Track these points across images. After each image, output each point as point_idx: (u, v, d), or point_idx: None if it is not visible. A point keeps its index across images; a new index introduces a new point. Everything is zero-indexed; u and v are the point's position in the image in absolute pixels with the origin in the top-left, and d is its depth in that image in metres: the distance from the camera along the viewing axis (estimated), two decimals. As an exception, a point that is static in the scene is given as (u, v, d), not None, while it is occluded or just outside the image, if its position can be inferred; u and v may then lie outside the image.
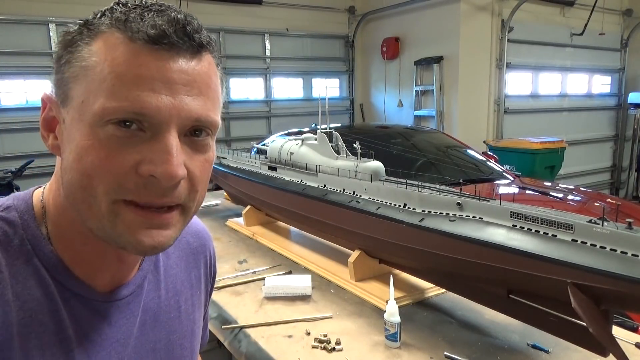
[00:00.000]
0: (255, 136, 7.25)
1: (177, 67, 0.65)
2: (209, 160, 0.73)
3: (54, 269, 0.71)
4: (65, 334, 0.71)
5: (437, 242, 1.56)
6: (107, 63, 0.63)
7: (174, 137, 0.65)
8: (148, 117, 0.64)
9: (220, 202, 3.95)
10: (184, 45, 0.66)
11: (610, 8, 8.69)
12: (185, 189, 0.69)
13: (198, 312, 0.99)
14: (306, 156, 2.44)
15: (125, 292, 0.81)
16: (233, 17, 7.70)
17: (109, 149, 0.63)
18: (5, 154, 6.27)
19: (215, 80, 0.72)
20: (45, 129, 0.72)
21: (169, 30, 0.64)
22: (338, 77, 9.23)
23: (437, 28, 7.35)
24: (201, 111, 0.68)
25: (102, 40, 0.65)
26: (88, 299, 0.74)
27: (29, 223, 0.72)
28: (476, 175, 4.08)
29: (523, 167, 5.92)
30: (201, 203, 0.76)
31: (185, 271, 0.96)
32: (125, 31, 0.64)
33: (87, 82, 0.65)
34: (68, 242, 0.74)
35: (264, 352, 1.61)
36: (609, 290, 1.14)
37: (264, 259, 2.53)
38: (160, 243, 0.69)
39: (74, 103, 0.66)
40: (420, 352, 1.57)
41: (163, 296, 0.89)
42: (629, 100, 9.05)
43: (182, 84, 0.65)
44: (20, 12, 6.15)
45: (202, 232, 1.05)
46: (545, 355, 1.53)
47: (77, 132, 0.65)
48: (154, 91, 0.63)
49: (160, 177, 0.64)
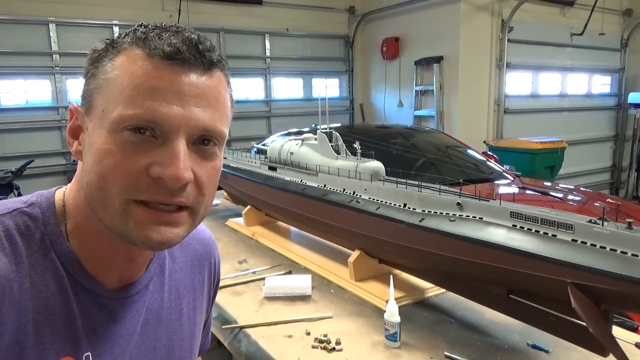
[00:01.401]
0: (255, 136, 7.25)
1: (188, 80, 0.72)
2: (216, 169, 0.80)
3: (69, 264, 0.78)
4: (74, 324, 0.76)
5: (437, 242, 1.56)
6: (126, 76, 0.71)
7: (182, 144, 0.72)
8: (159, 125, 0.70)
9: (220, 202, 3.95)
10: (196, 62, 0.73)
11: (610, 8, 8.69)
12: (193, 192, 0.75)
13: (199, 316, 1.03)
14: (306, 156, 2.44)
15: (132, 291, 0.86)
16: (233, 17, 7.70)
17: (124, 152, 0.70)
18: (5, 154, 6.26)
19: (224, 95, 0.79)
20: (71, 136, 0.80)
21: (182, 48, 0.72)
22: (338, 77, 9.24)
23: (437, 28, 7.35)
24: (209, 122, 0.74)
25: (124, 56, 0.73)
26: (96, 294, 0.80)
27: (50, 220, 0.79)
28: (476, 175, 4.08)
29: (523, 167, 5.92)
30: (209, 208, 0.82)
31: (190, 276, 1.01)
32: (145, 48, 0.72)
33: (108, 93, 0.72)
34: (84, 239, 0.80)
35: (264, 352, 1.61)
36: (609, 290, 1.14)
37: (264, 259, 2.53)
38: (167, 239, 0.75)
39: (96, 112, 0.74)
40: (420, 352, 1.57)
41: (166, 298, 0.93)
42: (629, 100, 9.04)
43: (192, 96, 0.72)
44: (20, 12, 6.15)
45: (209, 240, 1.11)
46: (545, 355, 1.53)
47: (97, 138, 0.72)
48: (166, 101, 0.70)
49: (167, 178, 0.70)
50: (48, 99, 6.55)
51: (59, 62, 6.47)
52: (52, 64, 6.45)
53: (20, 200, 0.81)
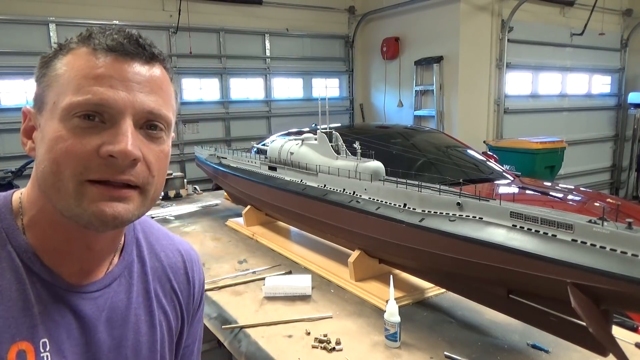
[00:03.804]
0: (255, 136, 7.26)
1: (131, 69, 0.79)
2: (164, 152, 0.85)
3: (25, 255, 0.82)
4: (30, 311, 0.79)
5: (437, 242, 1.56)
6: (74, 69, 0.78)
7: (129, 124, 0.77)
8: (107, 108, 0.76)
9: (220, 202, 3.95)
10: (138, 54, 0.80)
11: (610, 8, 8.69)
12: (143, 172, 0.80)
13: (175, 322, 1.03)
14: (306, 156, 2.44)
15: (91, 288, 0.88)
16: (233, 17, 7.70)
17: (74, 137, 0.75)
18: (5, 154, 6.27)
19: (167, 85, 0.85)
20: (25, 136, 0.85)
21: (124, 42, 0.79)
22: (338, 77, 9.23)
23: (437, 28, 7.35)
24: (153, 105, 0.80)
25: (71, 54, 0.80)
26: (52, 284, 0.83)
27: (6, 215, 0.84)
28: (476, 175, 4.08)
29: (523, 167, 5.92)
30: (160, 191, 0.87)
31: (160, 282, 1.02)
32: (90, 44, 0.79)
33: (57, 86, 0.78)
34: (39, 231, 0.84)
35: (263, 352, 1.61)
36: (609, 290, 1.14)
37: (264, 259, 2.53)
38: (119, 213, 0.78)
39: (47, 107, 0.79)
40: (420, 352, 1.57)
41: (134, 299, 0.95)
42: (629, 100, 9.05)
43: (136, 82, 0.79)
44: (20, 12, 6.15)
45: (187, 252, 1.10)
46: (545, 355, 1.53)
47: (49, 128, 0.78)
48: (112, 87, 0.76)
49: (117, 155, 0.75)
50: (48, 99, 6.55)
51: (59, 62, 6.47)
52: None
53: None
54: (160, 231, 1.09)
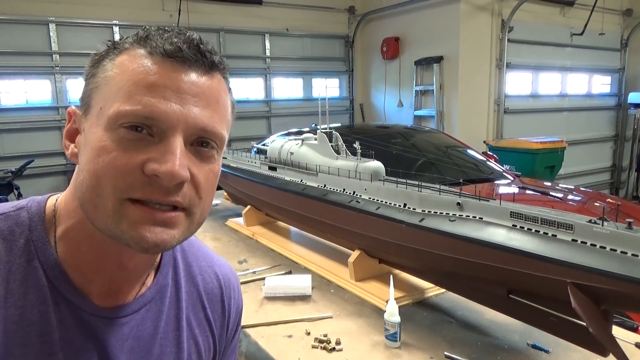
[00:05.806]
0: (255, 136, 7.25)
1: (188, 79, 0.71)
2: (213, 172, 0.77)
3: (52, 273, 0.74)
4: (50, 337, 0.72)
5: (437, 242, 1.56)
6: (126, 73, 0.70)
7: (179, 141, 0.70)
8: (157, 122, 0.68)
9: (220, 202, 3.95)
10: (197, 62, 0.72)
11: (610, 8, 8.69)
12: (190, 193, 0.72)
13: (206, 354, 0.95)
14: (306, 156, 2.44)
15: (119, 313, 0.80)
16: (233, 17, 7.70)
17: (119, 149, 0.68)
18: (5, 154, 6.26)
19: (224, 98, 0.77)
20: (67, 139, 0.78)
21: (183, 47, 0.71)
22: (338, 77, 9.24)
23: (437, 28, 7.35)
24: (207, 121, 0.72)
25: (125, 55, 0.72)
26: (78, 307, 0.75)
27: (37, 225, 0.76)
28: (476, 175, 4.07)
29: (523, 167, 5.92)
30: (206, 213, 0.79)
31: (194, 310, 0.93)
32: (146, 47, 0.72)
33: (106, 90, 0.71)
34: (73, 245, 0.76)
35: (263, 352, 1.61)
36: (609, 290, 1.14)
37: (264, 259, 2.53)
38: (163, 240, 0.71)
39: (93, 111, 0.72)
40: (420, 352, 1.57)
41: (162, 328, 0.86)
42: (629, 100, 9.05)
43: (191, 94, 0.71)
44: (20, 12, 6.15)
45: (227, 275, 1.02)
46: (545, 355, 1.53)
47: (92, 136, 0.70)
48: (164, 98, 0.69)
49: (162, 175, 0.67)
50: (48, 99, 6.56)
51: (59, 62, 6.48)
52: (52, 64, 6.45)
53: (11, 205, 0.79)
54: (200, 250, 1.00)
